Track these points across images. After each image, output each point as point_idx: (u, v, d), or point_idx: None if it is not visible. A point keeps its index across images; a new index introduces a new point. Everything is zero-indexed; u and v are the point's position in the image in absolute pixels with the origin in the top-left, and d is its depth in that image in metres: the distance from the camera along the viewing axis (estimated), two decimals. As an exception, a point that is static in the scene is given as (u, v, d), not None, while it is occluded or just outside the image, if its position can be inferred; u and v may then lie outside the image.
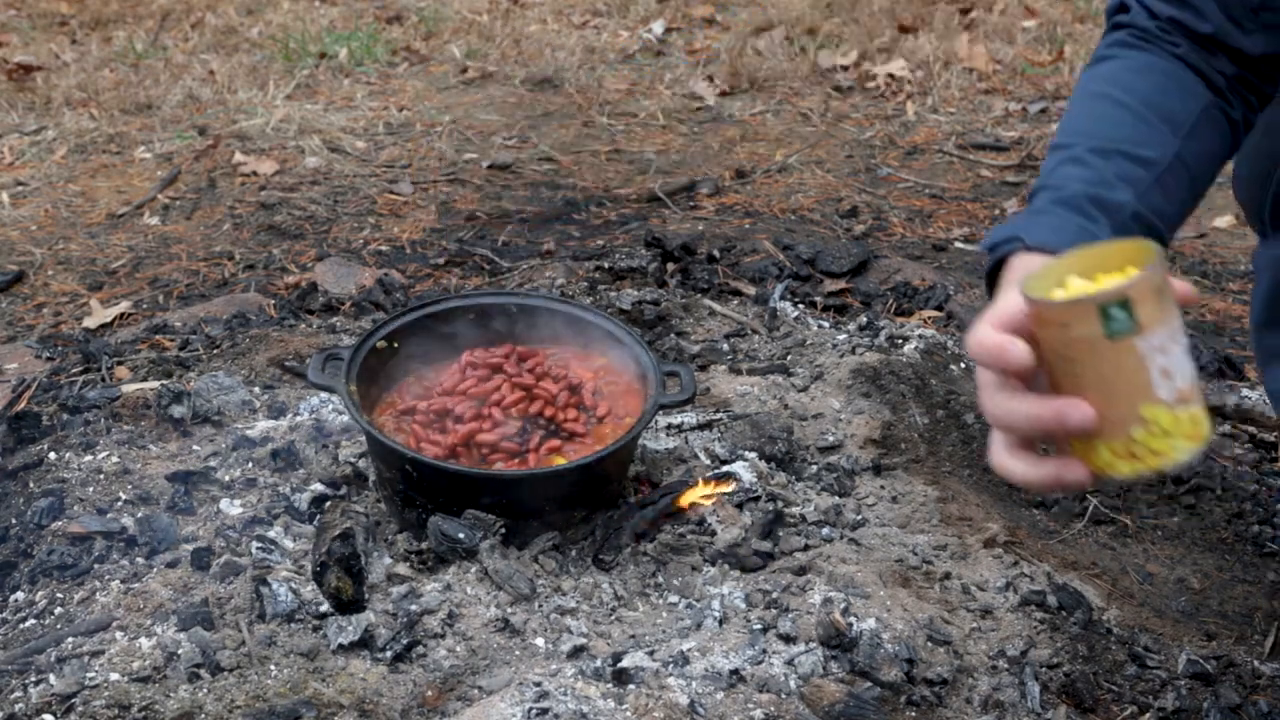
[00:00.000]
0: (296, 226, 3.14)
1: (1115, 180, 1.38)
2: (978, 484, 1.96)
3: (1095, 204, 1.35)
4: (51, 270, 2.92)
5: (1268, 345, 1.48)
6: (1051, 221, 1.33)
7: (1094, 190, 1.36)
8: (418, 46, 4.85)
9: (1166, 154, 1.42)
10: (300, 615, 1.54)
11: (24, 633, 1.56)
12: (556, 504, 1.66)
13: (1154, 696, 1.50)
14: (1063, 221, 1.33)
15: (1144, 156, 1.41)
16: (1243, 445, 2.14)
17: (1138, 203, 1.37)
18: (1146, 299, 1.04)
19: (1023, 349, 1.05)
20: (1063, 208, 1.35)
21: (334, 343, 2.31)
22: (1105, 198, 1.36)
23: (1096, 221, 1.33)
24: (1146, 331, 1.04)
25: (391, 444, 1.63)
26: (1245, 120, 1.51)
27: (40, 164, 3.58)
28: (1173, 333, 1.07)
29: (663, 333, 2.41)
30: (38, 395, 2.13)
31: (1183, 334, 1.08)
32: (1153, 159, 1.42)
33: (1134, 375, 1.05)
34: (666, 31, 5.05)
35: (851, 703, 1.40)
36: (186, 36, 4.96)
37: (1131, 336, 1.04)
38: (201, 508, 1.78)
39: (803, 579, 1.60)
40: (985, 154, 3.78)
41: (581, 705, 1.35)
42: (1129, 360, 1.04)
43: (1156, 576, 1.79)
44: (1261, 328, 1.48)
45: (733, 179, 3.54)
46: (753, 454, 1.89)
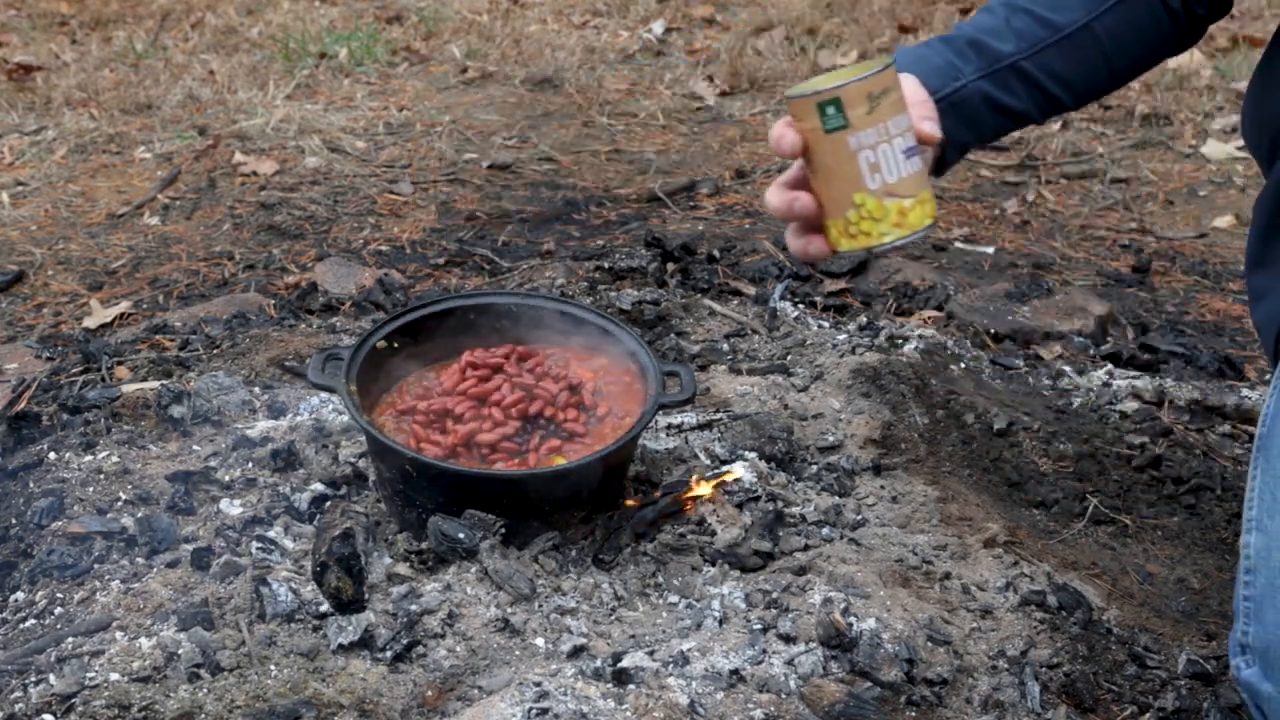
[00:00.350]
0: (296, 226, 3.14)
1: (1008, 32, 1.49)
2: (978, 484, 1.96)
3: (973, 46, 1.48)
4: (51, 270, 2.92)
5: (1257, 285, 1.50)
6: (924, 52, 1.48)
7: (979, 35, 1.48)
8: (418, 46, 4.85)
9: (1074, 21, 1.51)
10: (300, 615, 1.54)
11: (24, 633, 1.56)
12: (556, 504, 1.66)
13: (1154, 696, 1.50)
14: (934, 54, 1.47)
15: (1049, 19, 1.50)
16: (1243, 445, 2.14)
17: (1024, 59, 1.49)
18: (858, 102, 1.24)
19: (791, 138, 1.30)
20: (942, 43, 1.48)
21: (334, 343, 2.31)
22: (985, 43, 1.48)
23: (968, 61, 1.47)
24: (857, 130, 1.25)
25: (391, 444, 1.63)
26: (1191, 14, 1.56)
27: (40, 164, 3.58)
28: (885, 134, 1.27)
29: (663, 333, 2.41)
30: (38, 395, 2.13)
31: (903, 139, 1.28)
32: (1058, 23, 1.51)
33: (846, 166, 1.27)
34: (666, 31, 5.05)
35: (851, 703, 1.40)
36: (186, 36, 4.96)
37: (843, 132, 1.26)
38: (201, 508, 1.78)
39: (803, 579, 1.60)
40: (985, 154, 3.78)
41: (581, 705, 1.35)
42: (842, 152, 1.26)
43: (1156, 576, 1.79)
44: (1252, 267, 1.49)
45: (733, 179, 3.54)
46: (753, 454, 1.89)
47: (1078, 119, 4.08)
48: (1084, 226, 3.27)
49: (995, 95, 1.49)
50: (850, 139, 1.26)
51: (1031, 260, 3.02)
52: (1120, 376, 2.32)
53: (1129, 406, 2.20)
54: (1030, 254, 3.07)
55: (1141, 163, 3.71)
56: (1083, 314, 2.58)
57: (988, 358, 2.38)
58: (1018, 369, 2.36)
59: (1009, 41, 1.49)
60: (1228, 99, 4.18)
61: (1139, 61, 1.58)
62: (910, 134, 1.29)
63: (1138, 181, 3.58)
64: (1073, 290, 2.72)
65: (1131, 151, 3.81)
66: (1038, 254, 3.07)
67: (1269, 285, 1.48)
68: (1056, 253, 3.09)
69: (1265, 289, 1.49)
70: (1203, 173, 3.65)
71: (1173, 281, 2.96)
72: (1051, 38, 1.51)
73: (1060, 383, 2.31)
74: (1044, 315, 2.57)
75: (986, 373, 2.31)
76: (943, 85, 1.46)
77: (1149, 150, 3.83)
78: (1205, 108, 4.10)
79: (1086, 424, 2.14)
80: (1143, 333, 2.61)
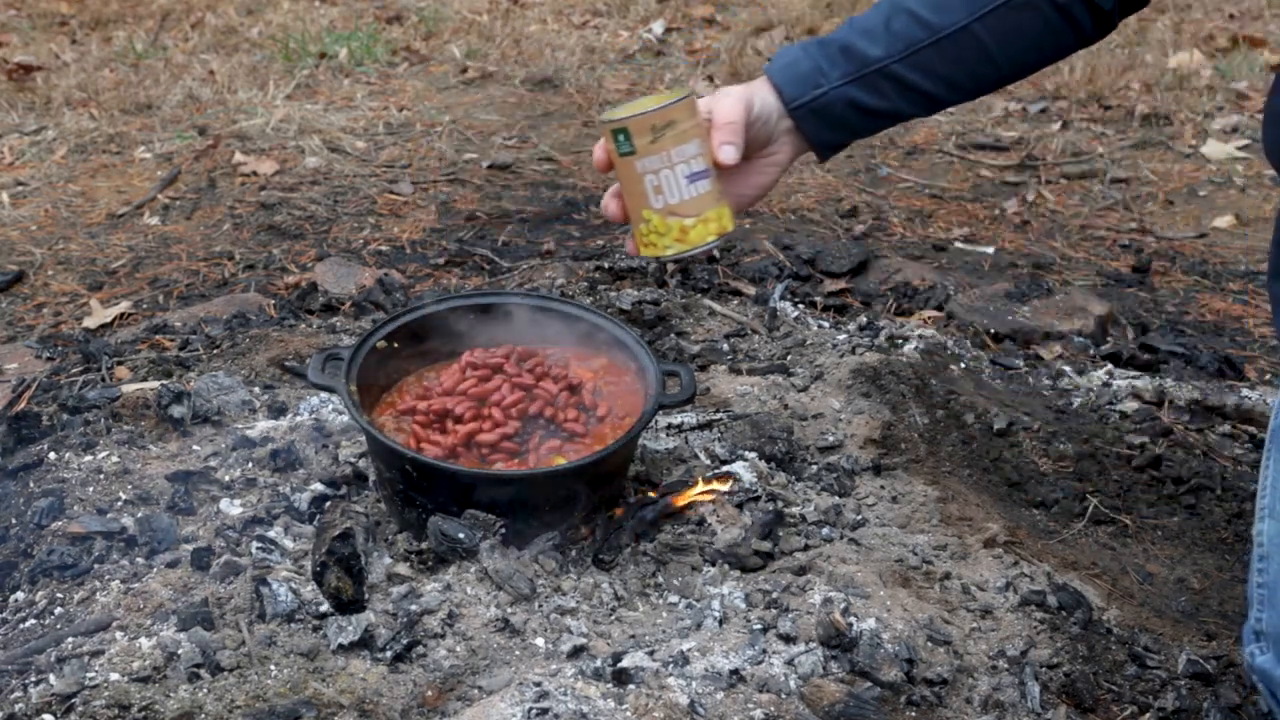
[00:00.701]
0: (296, 226, 3.14)
1: (883, 34, 1.53)
2: (978, 484, 1.96)
3: (844, 51, 1.53)
4: (51, 270, 2.92)
5: (1275, 292, 1.50)
6: (796, 56, 1.54)
7: (852, 38, 1.53)
8: (418, 46, 4.85)
9: (954, 22, 1.53)
10: (300, 615, 1.54)
11: (24, 633, 1.56)
12: (556, 504, 1.66)
13: (1154, 696, 1.50)
14: (805, 58, 1.53)
15: (928, 20, 1.53)
16: (1243, 445, 2.14)
17: (895, 61, 1.53)
18: (643, 133, 1.41)
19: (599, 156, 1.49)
20: (818, 46, 1.54)
21: (334, 343, 2.31)
22: (856, 48, 1.53)
23: (835, 67, 1.52)
24: (642, 156, 1.42)
25: (391, 444, 1.63)
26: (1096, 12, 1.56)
27: (40, 164, 3.58)
28: (668, 160, 1.43)
29: (663, 333, 2.41)
30: (38, 395, 2.13)
31: (687, 165, 1.44)
32: (936, 25, 1.53)
33: (635, 185, 1.45)
34: (666, 31, 5.05)
35: (851, 703, 1.40)
36: (186, 36, 4.96)
37: (631, 157, 1.43)
38: (201, 508, 1.78)
39: (803, 579, 1.60)
40: (985, 154, 3.78)
41: (581, 705, 1.35)
42: (632, 173, 1.44)
43: (1156, 576, 1.79)
44: (1274, 276, 1.49)
45: (733, 179, 3.53)
46: (753, 454, 1.89)
47: (1078, 119, 4.08)
48: (1084, 226, 3.27)
49: (861, 98, 1.54)
50: (637, 163, 1.43)
51: (1031, 260, 3.02)
52: (1120, 376, 2.32)
53: (1129, 406, 2.20)
54: (1030, 254, 3.07)
55: (1141, 163, 3.71)
56: (1083, 314, 2.58)
57: (988, 358, 2.38)
58: (1018, 369, 2.36)
59: (880, 45, 1.53)
60: (1228, 99, 4.18)
61: (1033, 60, 1.60)
62: (698, 160, 1.44)
63: (1138, 181, 3.58)
64: (1073, 290, 2.72)
65: (1131, 151, 3.81)
66: (1038, 254, 3.07)
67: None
68: (1056, 253, 3.09)
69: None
70: (1203, 173, 3.65)
71: (1173, 281, 2.96)
72: (929, 39, 1.53)
73: (1060, 383, 2.31)
74: (1044, 315, 2.57)
75: (986, 373, 2.31)
76: (802, 93, 1.53)
77: (1149, 150, 3.83)
78: (1205, 108, 4.10)
79: (1086, 424, 2.14)
80: (1143, 333, 2.61)
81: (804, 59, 1.54)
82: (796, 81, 1.53)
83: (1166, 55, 4.60)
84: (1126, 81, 4.35)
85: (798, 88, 1.53)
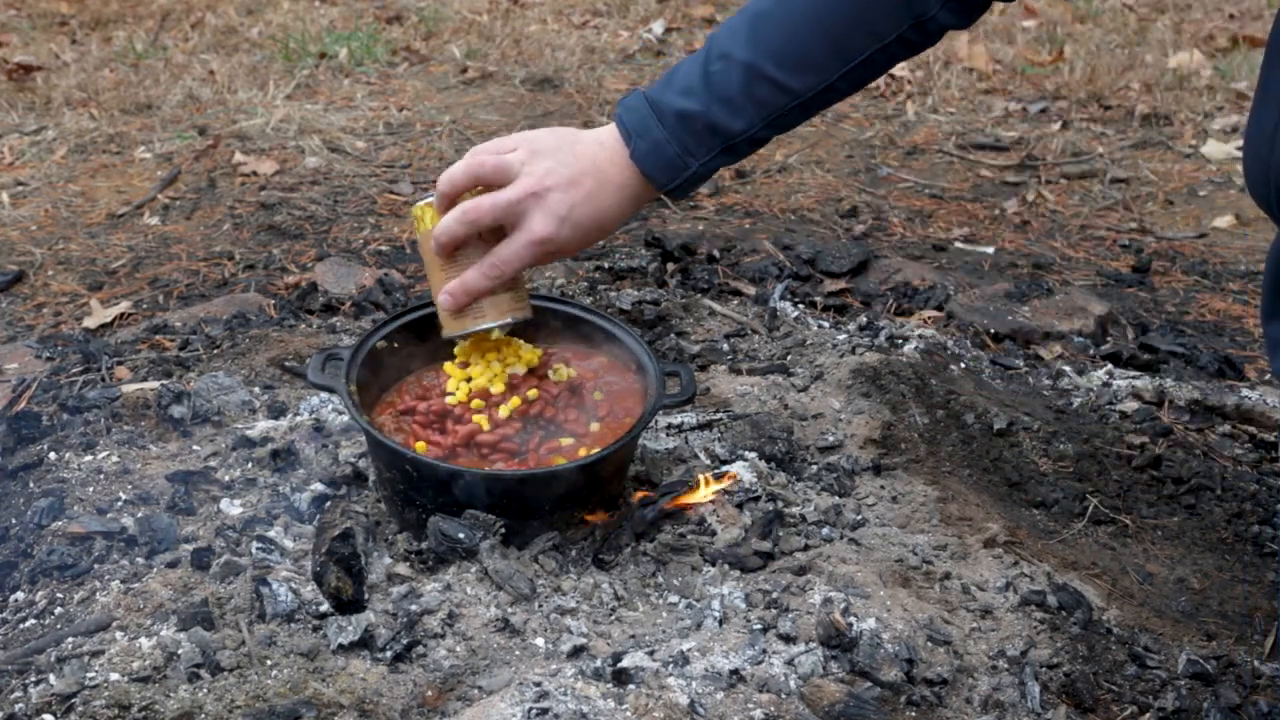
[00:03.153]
0: (296, 226, 3.14)
1: (747, 104, 1.56)
2: (978, 484, 1.96)
3: (709, 130, 1.56)
4: (51, 270, 2.92)
5: (1273, 335, 1.50)
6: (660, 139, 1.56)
7: (712, 114, 1.55)
8: (418, 46, 4.85)
9: (817, 85, 1.58)
10: (300, 615, 1.54)
11: (24, 633, 1.56)
12: (556, 504, 1.66)
13: (1154, 696, 1.50)
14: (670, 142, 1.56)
15: (790, 86, 1.56)
16: (1243, 445, 2.14)
17: (760, 129, 1.58)
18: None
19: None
20: (680, 124, 1.56)
21: (334, 343, 2.31)
22: (720, 126, 1.56)
23: (701, 145, 1.57)
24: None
25: (391, 444, 1.63)
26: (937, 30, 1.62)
27: (40, 164, 3.58)
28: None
29: (663, 333, 2.41)
30: (38, 395, 2.13)
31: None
32: (799, 90, 1.57)
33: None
34: (666, 31, 5.05)
35: (851, 703, 1.40)
36: (186, 36, 4.96)
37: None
38: (201, 508, 1.78)
39: (803, 579, 1.60)
40: (985, 154, 3.78)
41: (581, 705, 1.35)
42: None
43: (1156, 576, 1.79)
44: (1268, 318, 1.50)
45: (733, 179, 3.54)
46: (753, 454, 1.89)
47: (1078, 119, 4.08)
48: (1084, 226, 3.27)
49: (723, 164, 1.62)
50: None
51: (1031, 260, 3.02)
52: (1120, 376, 2.32)
53: (1129, 406, 2.20)
54: (1030, 254, 3.07)
55: (1141, 163, 3.71)
56: (1083, 314, 2.58)
57: (988, 358, 2.38)
58: (1018, 369, 2.36)
59: (744, 117, 1.57)
60: (1228, 99, 4.18)
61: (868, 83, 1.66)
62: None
63: (1138, 181, 3.58)
64: (1073, 290, 2.72)
65: (1131, 151, 3.81)
66: (1038, 254, 3.07)
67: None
68: (1056, 253, 3.09)
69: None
70: (1203, 173, 3.65)
71: (1173, 281, 2.96)
72: (791, 104, 1.58)
73: (1060, 383, 2.31)
74: (1044, 315, 2.57)
75: (986, 373, 2.31)
76: (673, 178, 1.60)
77: (1149, 150, 3.83)
78: (1205, 108, 4.10)
79: (1086, 424, 2.14)
80: (1143, 333, 2.61)
81: (669, 143, 1.57)
82: (665, 169, 1.58)
83: (1166, 55, 4.60)
84: (1126, 81, 4.35)
85: (667, 174, 1.59)
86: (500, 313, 1.64)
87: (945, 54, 4.58)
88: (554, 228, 1.56)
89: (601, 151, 1.60)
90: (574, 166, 1.57)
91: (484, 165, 1.58)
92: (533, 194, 1.55)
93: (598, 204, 1.58)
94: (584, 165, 1.58)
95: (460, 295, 1.61)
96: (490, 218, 1.57)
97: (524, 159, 1.57)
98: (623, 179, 1.60)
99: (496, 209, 1.56)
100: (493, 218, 1.57)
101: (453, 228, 1.57)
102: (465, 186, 1.59)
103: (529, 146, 1.59)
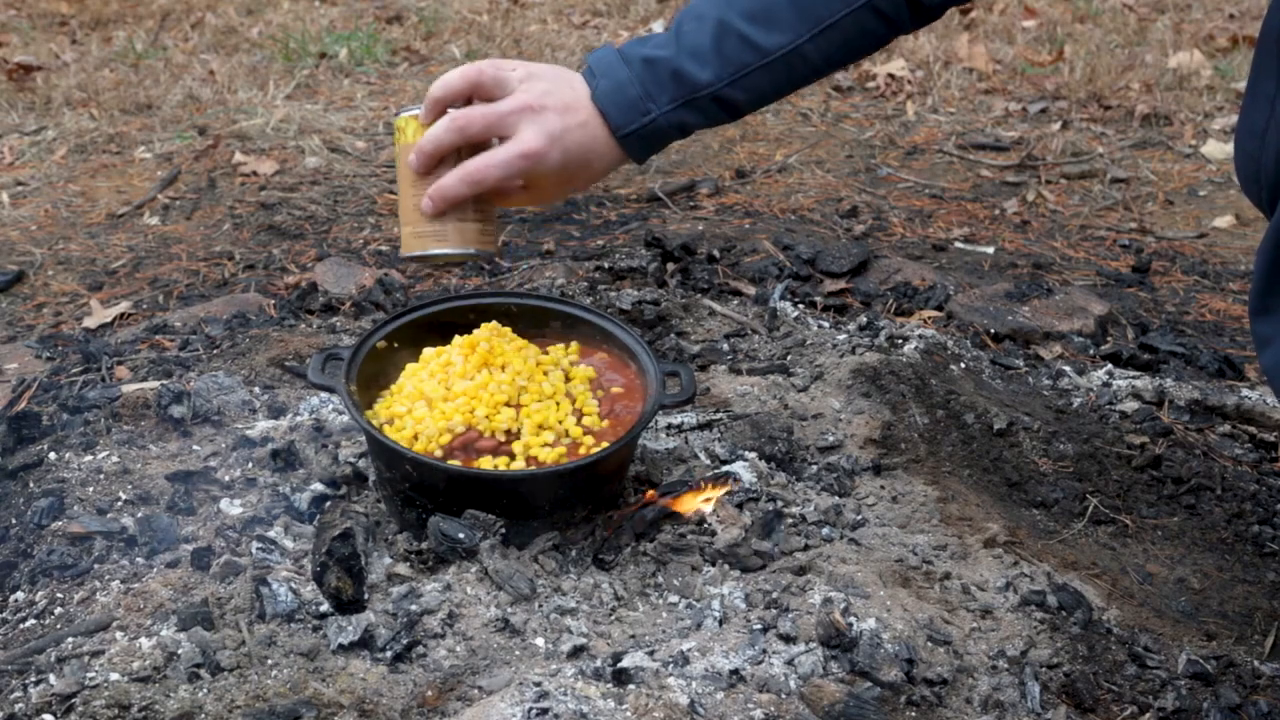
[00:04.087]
0: (296, 226, 3.14)
1: (713, 57, 1.53)
2: (978, 484, 1.96)
3: (674, 77, 1.53)
4: (51, 270, 2.92)
5: (1259, 332, 1.51)
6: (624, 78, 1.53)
7: (680, 62, 1.52)
8: (418, 46, 4.85)
9: (785, 45, 1.55)
10: (300, 615, 1.54)
11: (24, 633, 1.56)
12: (556, 504, 1.66)
13: (1154, 696, 1.50)
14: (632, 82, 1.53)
15: (758, 43, 1.54)
16: (1243, 445, 2.14)
17: (725, 85, 1.55)
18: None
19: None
20: (645, 66, 1.53)
21: (334, 343, 2.31)
22: (686, 73, 1.53)
23: (664, 91, 1.54)
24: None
25: (392, 444, 1.63)
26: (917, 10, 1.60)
27: (40, 164, 3.58)
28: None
29: (663, 333, 2.41)
30: (38, 395, 2.13)
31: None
32: (767, 48, 1.54)
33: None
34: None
35: (851, 703, 1.40)
36: (186, 36, 4.96)
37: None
38: (201, 508, 1.78)
39: (803, 579, 1.60)
40: (985, 154, 3.78)
41: (581, 705, 1.35)
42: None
43: (1156, 576, 1.79)
44: (1256, 315, 1.50)
45: (733, 179, 3.54)
46: (753, 454, 1.89)
47: (1078, 119, 4.08)
48: (1084, 226, 3.27)
49: (686, 121, 1.57)
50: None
51: (1031, 260, 3.02)
52: (1120, 376, 2.32)
53: (1129, 406, 2.20)
54: (1030, 254, 3.07)
55: (1141, 163, 3.71)
56: (1083, 314, 2.58)
57: (988, 358, 2.38)
58: (1018, 369, 2.36)
59: (710, 69, 1.54)
60: (1228, 99, 4.18)
61: (847, 63, 1.64)
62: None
63: (1138, 181, 3.58)
64: (1073, 290, 2.72)
65: (1131, 151, 3.81)
66: (1038, 254, 3.07)
67: (1273, 334, 1.49)
68: (1056, 253, 3.09)
69: (1270, 337, 1.50)
70: (1203, 173, 3.65)
71: (1173, 281, 2.96)
72: (759, 61, 1.55)
73: (1060, 383, 2.31)
74: (1044, 315, 2.57)
75: (986, 373, 2.31)
76: (629, 121, 1.55)
77: (1149, 150, 3.83)
78: (1205, 108, 4.10)
79: (1086, 424, 2.14)
80: (1143, 333, 2.61)
81: (631, 84, 1.54)
82: (625, 109, 1.54)
83: (1166, 55, 4.60)
84: (1126, 81, 4.35)
85: (626, 115, 1.54)
86: (464, 240, 1.56)
87: (945, 54, 4.59)
88: (545, 144, 1.51)
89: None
90: (569, 96, 1.54)
91: (483, 72, 1.53)
92: (529, 107, 1.51)
93: (590, 134, 1.54)
94: (580, 98, 1.55)
95: (439, 200, 1.53)
96: (481, 125, 1.52)
97: (522, 77, 1.54)
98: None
99: (489, 118, 1.52)
100: (483, 125, 1.52)
101: (440, 135, 1.52)
102: (459, 93, 1.54)
103: (528, 69, 1.56)
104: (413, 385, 1.72)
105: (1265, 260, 1.47)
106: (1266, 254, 1.47)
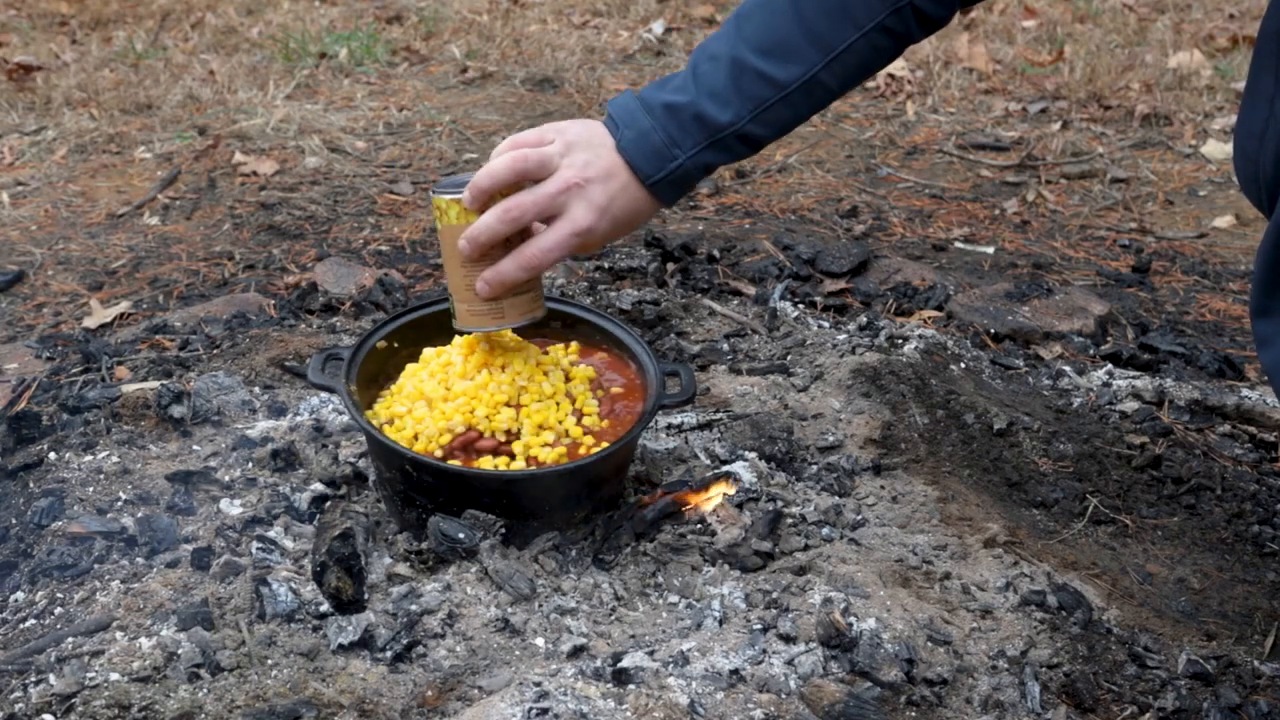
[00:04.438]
0: (296, 226, 3.14)
1: (733, 96, 1.55)
2: (978, 484, 1.96)
3: (696, 121, 1.55)
4: (51, 270, 2.92)
5: (1259, 332, 1.51)
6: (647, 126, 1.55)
7: (700, 105, 1.55)
8: (418, 46, 4.85)
9: (801, 76, 1.56)
10: (300, 615, 1.54)
11: (24, 633, 1.56)
12: (556, 504, 1.66)
13: (1154, 696, 1.50)
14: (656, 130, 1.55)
15: (774, 78, 1.55)
16: (1243, 445, 2.14)
17: (747, 123, 1.57)
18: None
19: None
20: (667, 113, 1.55)
21: (334, 343, 2.31)
22: (707, 116, 1.55)
23: (688, 136, 1.55)
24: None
25: (392, 444, 1.63)
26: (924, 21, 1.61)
27: (40, 164, 3.58)
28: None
29: (663, 333, 2.41)
30: (38, 395, 2.13)
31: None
32: (784, 81, 1.56)
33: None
34: (666, 31, 5.05)
35: (851, 703, 1.40)
36: (186, 36, 4.96)
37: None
38: (201, 508, 1.78)
39: (803, 579, 1.60)
40: (985, 154, 3.78)
41: (581, 705, 1.35)
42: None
43: (1156, 576, 1.79)
44: (1257, 314, 1.51)
45: (733, 179, 3.54)
46: (753, 454, 1.89)
47: (1078, 119, 4.08)
48: (1084, 226, 3.27)
49: (711, 161, 1.59)
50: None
51: (1031, 260, 3.02)
52: (1120, 376, 2.32)
53: (1129, 406, 2.20)
54: (1030, 254, 3.07)
55: (1141, 163, 3.71)
56: (1083, 314, 2.58)
57: (988, 358, 2.38)
58: (1018, 369, 2.36)
59: (730, 109, 1.55)
60: (1228, 99, 4.18)
61: (861, 81, 1.65)
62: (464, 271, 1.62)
63: (1138, 181, 3.58)
64: (1073, 290, 2.72)
65: (1131, 151, 3.81)
66: (1038, 254, 3.07)
67: (1273, 333, 1.50)
68: (1056, 253, 3.09)
69: (1270, 336, 1.50)
70: (1203, 173, 3.65)
71: (1173, 281, 2.96)
72: (777, 96, 1.57)
73: (1060, 383, 2.31)
74: (1044, 315, 2.57)
75: (986, 373, 2.31)
76: (657, 169, 1.56)
77: (1149, 150, 3.83)
78: (1205, 108, 4.10)
79: (1086, 424, 2.14)
80: (1143, 333, 2.61)
81: (655, 131, 1.55)
82: (651, 158, 1.55)
83: (1166, 55, 4.60)
84: (1126, 81, 4.35)
85: (653, 164, 1.56)
86: (520, 313, 1.61)
87: (945, 54, 4.59)
88: (595, 219, 1.54)
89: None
90: (606, 160, 1.56)
91: (529, 160, 1.55)
92: (575, 185, 1.53)
93: (631, 195, 1.57)
94: (616, 160, 1.57)
95: (496, 286, 1.56)
96: (534, 213, 1.54)
97: (561, 150, 1.56)
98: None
99: (539, 203, 1.54)
100: (536, 213, 1.55)
101: (495, 227, 1.54)
102: (509, 183, 1.56)
103: (563, 139, 1.57)
104: (413, 385, 1.72)
105: (1265, 260, 1.48)
106: (1266, 254, 1.47)
